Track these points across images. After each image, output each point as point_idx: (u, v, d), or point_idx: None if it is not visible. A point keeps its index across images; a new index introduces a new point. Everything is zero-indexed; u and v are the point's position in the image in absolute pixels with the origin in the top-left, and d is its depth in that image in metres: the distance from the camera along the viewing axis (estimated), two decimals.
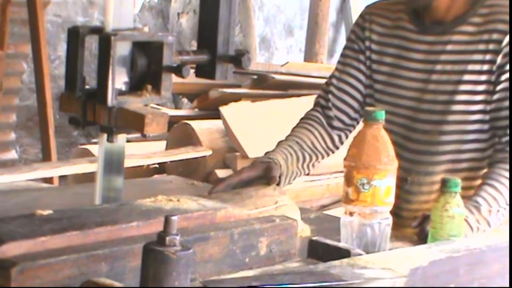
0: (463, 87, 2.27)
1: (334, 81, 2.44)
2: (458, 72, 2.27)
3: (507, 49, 2.22)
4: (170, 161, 4.09)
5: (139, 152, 3.94)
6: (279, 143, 2.38)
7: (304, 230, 2.02)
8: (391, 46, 2.37)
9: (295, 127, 2.45)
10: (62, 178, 4.22)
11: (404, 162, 2.32)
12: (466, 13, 2.28)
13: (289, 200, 2.11)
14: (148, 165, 4.06)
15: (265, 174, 2.19)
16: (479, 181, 2.23)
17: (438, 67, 2.30)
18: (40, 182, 3.40)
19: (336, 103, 2.42)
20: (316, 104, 2.47)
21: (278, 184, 2.21)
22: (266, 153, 2.32)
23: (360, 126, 1.98)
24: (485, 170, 2.26)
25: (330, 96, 2.43)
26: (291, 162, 2.31)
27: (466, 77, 2.26)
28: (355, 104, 2.42)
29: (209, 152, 4.04)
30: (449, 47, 2.29)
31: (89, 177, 3.47)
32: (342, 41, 7.69)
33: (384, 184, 1.87)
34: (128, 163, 1.92)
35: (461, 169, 2.28)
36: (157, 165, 4.23)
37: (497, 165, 2.21)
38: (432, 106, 2.30)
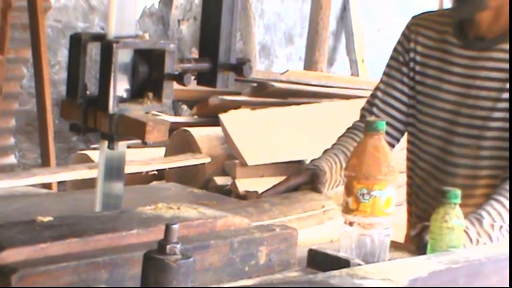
0: (501, 105, 2.28)
1: (379, 93, 2.46)
2: (497, 90, 2.28)
3: None
4: (169, 168, 4.10)
5: (138, 158, 3.94)
6: (325, 151, 2.40)
7: None
8: (434, 59, 2.39)
9: (341, 137, 2.46)
10: (60, 183, 4.22)
11: (440, 173, 2.34)
12: (509, 31, 2.30)
13: (335, 204, 2.15)
14: (147, 171, 4.07)
15: (311, 180, 2.25)
16: None
17: (478, 82, 2.31)
18: (39, 187, 3.39)
19: (381, 115, 2.43)
20: (361, 116, 2.49)
21: None
22: (312, 160, 2.36)
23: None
24: None
25: (374, 109, 2.45)
26: (335, 170, 2.33)
27: (505, 95, 2.27)
28: (400, 116, 2.43)
29: (208, 160, 4.05)
30: (490, 64, 2.30)
31: (88, 183, 3.48)
32: (342, 50, 7.71)
33: (384, 195, 1.87)
34: (127, 169, 1.93)
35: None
36: (156, 172, 4.23)
37: (507, 181, 2.20)
38: (470, 121, 2.31)
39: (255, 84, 5.01)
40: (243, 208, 2.03)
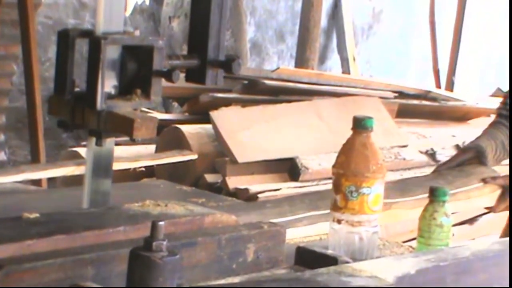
0: None
1: None
2: None
3: None
4: (157, 165, 4.08)
5: (127, 155, 3.93)
6: (476, 138, 2.79)
7: None
8: None
9: (486, 129, 2.85)
10: (50, 180, 4.21)
11: None
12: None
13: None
14: (135, 168, 4.05)
15: (476, 156, 2.70)
16: None
17: None
18: (29, 184, 3.38)
19: None
20: (499, 114, 2.85)
21: None
22: (470, 142, 2.80)
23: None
24: None
25: (507, 106, 2.80)
26: (490, 149, 2.71)
27: None
28: None
29: (195, 156, 4.03)
30: None
31: (77, 180, 3.46)
32: (333, 48, 7.70)
33: (372, 192, 1.87)
34: (114, 166, 1.92)
35: None
36: (143, 169, 4.22)
37: None
38: None
39: (246, 82, 5.00)
40: (443, 177, 2.57)
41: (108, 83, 1.80)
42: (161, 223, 1.37)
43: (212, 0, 1.93)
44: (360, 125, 1.89)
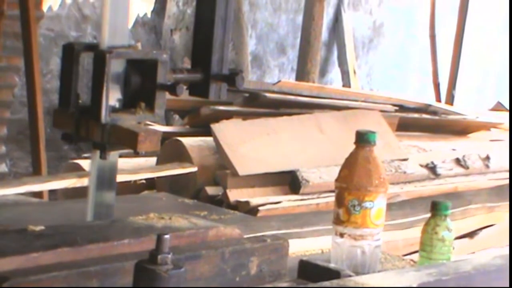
0: None
1: None
2: None
3: None
4: (157, 177, 4.09)
5: (127, 167, 3.94)
6: None
7: None
8: None
9: None
10: (51, 192, 4.21)
11: None
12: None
13: None
14: (135, 180, 4.06)
15: None
16: None
17: None
18: (30, 196, 3.38)
19: None
20: None
21: None
22: None
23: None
24: None
25: None
26: None
27: None
28: None
29: (195, 169, 4.04)
30: None
31: (79, 192, 3.47)
32: (334, 61, 7.72)
33: (375, 206, 1.88)
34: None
35: None
36: (144, 181, 4.23)
37: None
38: None
39: (247, 94, 5.01)
40: None
41: (113, 97, 1.81)
42: (167, 236, 1.38)
43: (216, 14, 1.94)
44: (363, 139, 1.90)
